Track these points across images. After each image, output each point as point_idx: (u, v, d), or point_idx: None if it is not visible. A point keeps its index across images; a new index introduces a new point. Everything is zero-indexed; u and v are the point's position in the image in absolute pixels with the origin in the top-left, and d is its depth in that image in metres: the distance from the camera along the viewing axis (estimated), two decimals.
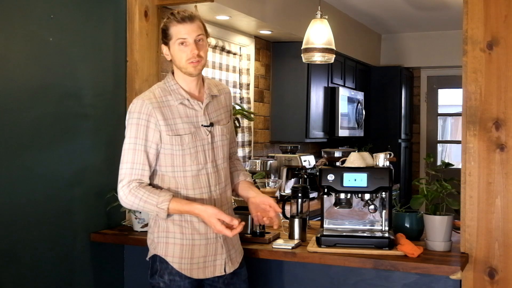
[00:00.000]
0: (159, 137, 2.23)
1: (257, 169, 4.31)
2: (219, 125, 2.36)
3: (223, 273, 2.32)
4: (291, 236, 2.78)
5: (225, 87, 2.50)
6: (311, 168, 4.65)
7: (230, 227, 2.18)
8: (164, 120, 2.23)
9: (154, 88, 2.32)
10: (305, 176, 3.60)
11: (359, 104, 6.14)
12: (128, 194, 2.21)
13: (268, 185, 3.13)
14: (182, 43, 2.25)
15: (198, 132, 2.28)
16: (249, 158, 4.77)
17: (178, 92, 2.29)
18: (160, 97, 2.27)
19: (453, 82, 6.60)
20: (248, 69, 4.81)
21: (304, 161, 4.75)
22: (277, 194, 3.19)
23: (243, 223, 2.22)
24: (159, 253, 2.29)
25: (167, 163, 2.26)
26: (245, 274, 2.44)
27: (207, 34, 2.31)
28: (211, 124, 2.32)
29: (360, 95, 6.19)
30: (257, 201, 2.43)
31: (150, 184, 2.26)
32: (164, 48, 2.31)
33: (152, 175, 2.28)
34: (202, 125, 2.30)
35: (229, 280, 2.36)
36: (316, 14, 3.75)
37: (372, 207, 2.64)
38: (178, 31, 2.24)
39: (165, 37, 2.29)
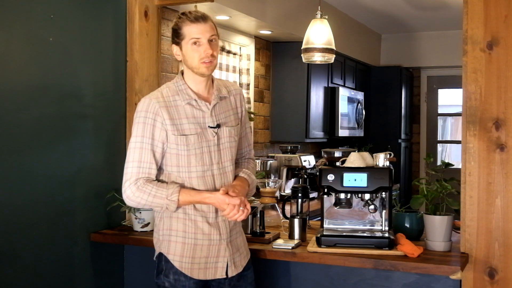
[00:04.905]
0: (165, 136, 2.22)
1: (257, 169, 4.31)
2: (227, 126, 2.33)
3: (224, 276, 2.30)
4: (291, 236, 2.78)
5: (236, 88, 2.46)
6: (311, 168, 4.65)
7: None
8: (170, 119, 2.22)
9: (163, 88, 2.31)
10: (305, 176, 3.60)
11: (359, 104, 6.14)
12: (136, 191, 2.19)
13: (268, 185, 3.13)
14: (195, 43, 2.23)
15: (204, 133, 2.27)
16: None
17: (186, 93, 2.28)
18: (168, 96, 2.26)
19: (453, 82, 6.60)
20: (248, 69, 4.81)
21: (304, 161, 4.75)
22: (277, 194, 3.19)
23: (249, 208, 2.25)
24: (163, 251, 2.29)
25: (173, 163, 2.25)
26: (252, 276, 2.42)
27: (218, 35, 2.30)
28: (218, 126, 2.30)
29: (360, 95, 6.19)
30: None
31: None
32: (174, 48, 2.29)
33: (159, 174, 2.27)
34: (208, 126, 2.28)
35: (236, 282, 2.34)
36: (316, 14, 3.75)
37: (372, 207, 2.64)
38: (192, 30, 2.23)
39: (176, 37, 2.26)
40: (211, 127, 2.29)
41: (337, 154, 2.83)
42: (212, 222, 2.28)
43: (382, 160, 2.71)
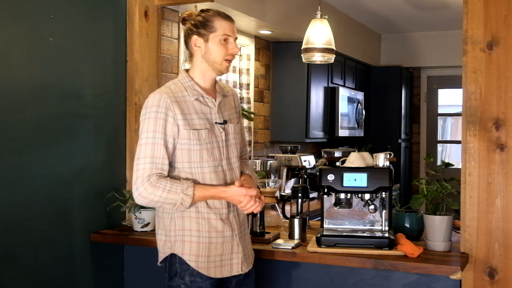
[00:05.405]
0: (177, 131, 2.20)
1: (257, 169, 4.31)
2: (231, 123, 2.36)
3: (240, 272, 2.30)
4: (291, 236, 2.78)
5: (232, 89, 2.50)
6: (311, 168, 4.65)
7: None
8: (181, 114, 2.21)
9: (169, 84, 2.30)
10: (305, 176, 3.60)
11: (359, 104, 6.14)
12: (149, 187, 2.14)
13: (268, 185, 3.13)
14: (225, 40, 2.26)
15: (213, 128, 2.28)
16: (249, 158, 4.77)
17: (193, 88, 2.28)
18: (176, 92, 2.25)
19: (453, 82, 6.60)
20: (248, 69, 4.81)
21: (304, 161, 4.75)
22: (277, 194, 3.19)
23: (263, 200, 2.29)
24: (177, 252, 2.24)
25: (184, 159, 2.23)
26: (254, 274, 2.42)
27: None
28: (225, 122, 2.32)
29: (360, 95, 6.19)
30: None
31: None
32: (196, 39, 2.27)
33: (169, 171, 2.23)
34: (216, 122, 2.29)
35: (241, 280, 2.34)
36: (316, 14, 3.75)
37: (372, 207, 2.64)
38: (225, 26, 2.26)
39: (204, 29, 2.26)
40: (219, 123, 2.30)
41: (337, 154, 2.83)
42: (224, 219, 2.28)
43: (382, 160, 2.71)
